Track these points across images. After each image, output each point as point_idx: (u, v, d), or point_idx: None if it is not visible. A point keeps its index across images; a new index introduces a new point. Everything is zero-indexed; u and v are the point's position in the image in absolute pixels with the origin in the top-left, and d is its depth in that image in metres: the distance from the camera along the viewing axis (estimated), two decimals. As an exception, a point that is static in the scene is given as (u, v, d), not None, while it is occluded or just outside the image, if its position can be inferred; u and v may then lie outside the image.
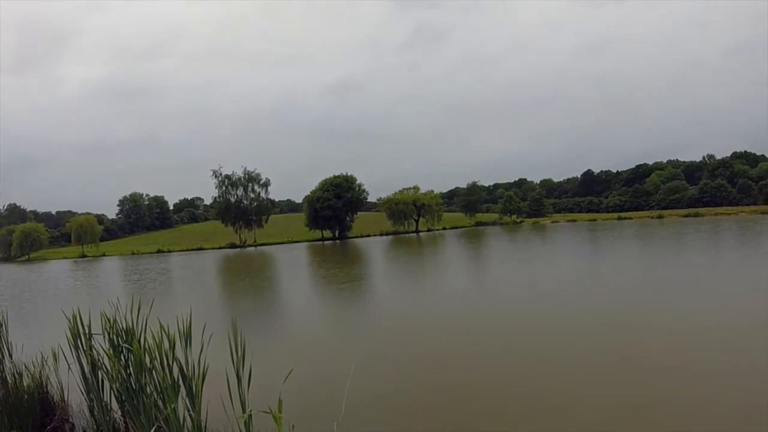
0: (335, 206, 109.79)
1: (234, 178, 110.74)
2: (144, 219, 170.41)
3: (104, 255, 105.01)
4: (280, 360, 15.52)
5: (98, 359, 9.83)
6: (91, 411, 10.23)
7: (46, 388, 11.42)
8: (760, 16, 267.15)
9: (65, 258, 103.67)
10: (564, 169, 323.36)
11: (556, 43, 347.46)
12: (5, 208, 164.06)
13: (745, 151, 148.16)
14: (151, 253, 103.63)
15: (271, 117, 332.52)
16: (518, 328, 19.59)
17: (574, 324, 18.50)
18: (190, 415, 8.26)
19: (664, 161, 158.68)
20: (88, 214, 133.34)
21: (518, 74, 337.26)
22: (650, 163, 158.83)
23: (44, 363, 11.56)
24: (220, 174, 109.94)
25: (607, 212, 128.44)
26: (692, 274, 30.89)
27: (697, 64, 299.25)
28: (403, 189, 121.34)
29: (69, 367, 10.43)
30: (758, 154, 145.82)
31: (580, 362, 14.37)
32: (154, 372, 8.67)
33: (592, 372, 13.77)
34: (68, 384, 11.07)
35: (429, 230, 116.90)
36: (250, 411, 8.10)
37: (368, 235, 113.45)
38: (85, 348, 9.91)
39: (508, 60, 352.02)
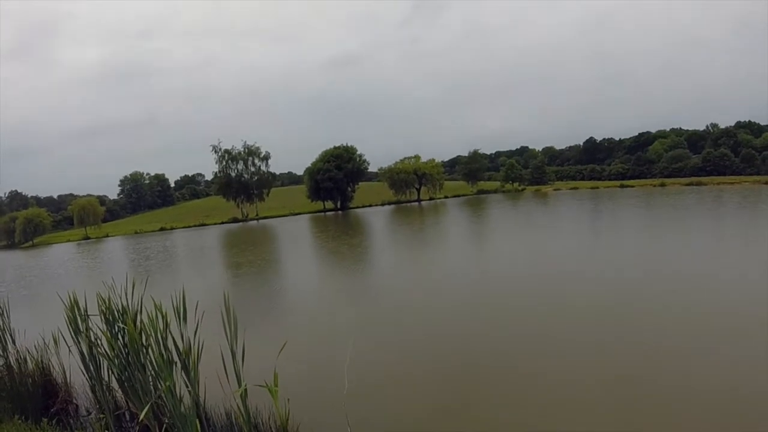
0: (336, 177, 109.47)
1: (234, 153, 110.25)
2: (146, 198, 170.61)
3: (107, 236, 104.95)
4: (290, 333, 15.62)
5: (96, 340, 9.93)
6: (93, 391, 10.40)
7: (49, 371, 11.61)
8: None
9: (69, 241, 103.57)
10: (566, 137, 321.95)
11: (558, 18, 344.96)
12: (6, 195, 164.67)
13: (749, 121, 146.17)
14: (153, 231, 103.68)
15: (270, 92, 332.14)
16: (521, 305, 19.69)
17: (586, 306, 18.28)
18: (188, 391, 8.35)
19: (667, 129, 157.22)
20: (90, 196, 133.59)
21: (520, 48, 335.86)
22: (653, 131, 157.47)
23: (46, 347, 11.69)
24: (220, 149, 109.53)
25: (610, 180, 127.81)
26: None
27: (699, 38, 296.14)
28: (404, 158, 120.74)
29: (69, 350, 10.56)
30: (762, 124, 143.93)
31: (588, 345, 14.33)
32: (150, 350, 8.75)
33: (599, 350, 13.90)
34: (69, 366, 11.23)
35: (431, 199, 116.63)
36: (245, 385, 8.19)
37: (370, 205, 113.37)
38: (83, 330, 9.99)
39: (509, 34, 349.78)
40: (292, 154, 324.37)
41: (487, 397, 11.08)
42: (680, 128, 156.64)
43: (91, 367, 9.99)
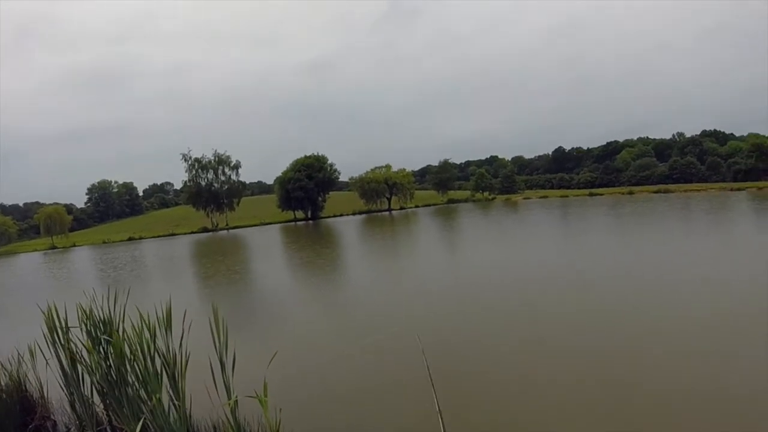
0: (307, 187, 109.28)
1: (204, 162, 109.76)
2: (114, 207, 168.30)
3: (75, 245, 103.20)
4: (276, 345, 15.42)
5: (77, 353, 9.65)
6: (72, 406, 10.03)
7: (25, 386, 11.15)
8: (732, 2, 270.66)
9: (35, 250, 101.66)
10: (535, 146, 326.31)
11: (528, 24, 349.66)
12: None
13: (715, 130, 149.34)
14: (122, 240, 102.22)
15: (242, 100, 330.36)
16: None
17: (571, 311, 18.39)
18: (174, 404, 8.15)
19: (635, 138, 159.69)
20: (57, 204, 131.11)
21: (490, 55, 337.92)
22: (621, 140, 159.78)
23: (21, 360, 11.26)
24: (190, 157, 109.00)
25: (578, 188, 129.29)
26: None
27: (667, 46, 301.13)
28: (375, 168, 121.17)
29: (47, 363, 10.18)
30: (727, 132, 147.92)
31: (564, 347, 14.37)
32: (135, 362, 8.51)
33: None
34: (47, 380, 10.80)
35: (402, 208, 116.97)
36: (236, 397, 8.02)
37: (341, 215, 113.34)
38: (62, 342, 9.71)
39: (480, 40, 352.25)
40: (263, 163, 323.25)
41: (476, 400, 11.01)
42: (647, 137, 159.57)
43: (71, 381, 9.70)
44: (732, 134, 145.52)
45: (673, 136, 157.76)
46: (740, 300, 16.82)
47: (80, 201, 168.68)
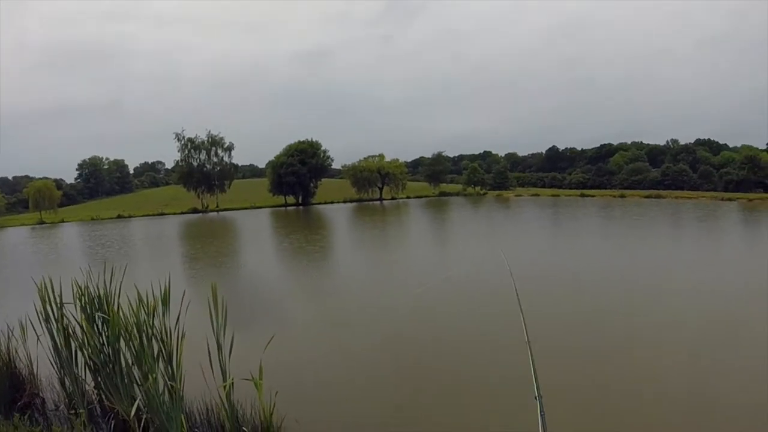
0: (299, 172, 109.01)
1: (197, 142, 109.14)
2: (104, 183, 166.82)
3: (63, 221, 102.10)
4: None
5: (70, 329, 9.55)
6: (62, 384, 9.91)
7: (14, 363, 10.99)
8: (733, 12, 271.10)
9: (23, 225, 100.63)
10: (529, 145, 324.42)
11: (527, 24, 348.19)
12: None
13: (709, 139, 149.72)
14: (111, 218, 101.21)
15: (237, 83, 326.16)
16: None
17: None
18: (168, 385, 8.07)
19: (629, 142, 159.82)
20: (46, 178, 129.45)
21: (489, 53, 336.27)
22: (615, 143, 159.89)
23: (11, 335, 11.08)
24: (183, 137, 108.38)
25: (570, 189, 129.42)
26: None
27: (667, 53, 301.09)
28: (368, 157, 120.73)
29: (38, 339, 10.02)
30: (721, 143, 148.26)
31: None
32: (131, 341, 8.43)
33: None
34: (37, 357, 10.63)
35: (393, 198, 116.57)
36: (232, 379, 7.97)
37: (332, 202, 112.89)
38: (57, 317, 9.60)
39: (479, 39, 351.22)
40: (255, 147, 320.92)
41: (457, 391, 11.03)
42: (641, 142, 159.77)
43: (63, 358, 9.58)
44: (726, 145, 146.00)
45: (667, 142, 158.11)
46: (730, 304, 16.97)
47: (70, 176, 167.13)
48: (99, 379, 9.14)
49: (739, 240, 37.43)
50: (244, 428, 8.28)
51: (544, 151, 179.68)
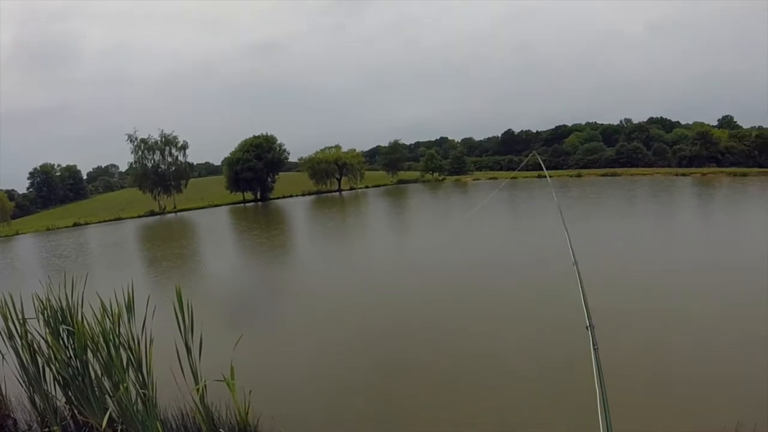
0: (256, 167, 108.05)
1: (150, 142, 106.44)
2: (57, 191, 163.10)
3: (18, 233, 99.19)
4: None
5: (35, 345, 9.38)
6: (33, 402, 9.71)
7: (-20, 384, 10.73)
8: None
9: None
10: (485, 130, 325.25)
11: (479, 9, 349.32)
12: None
13: (661, 117, 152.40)
14: (67, 227, 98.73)
15: (188, 80, 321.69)
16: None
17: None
18: (140, 393, 8.01)
19: (583, 123, 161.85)
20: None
21: (441, 39, 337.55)
22: (569, 124, 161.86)
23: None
24: (136, 138, 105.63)
25: (527, 171, 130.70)
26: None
27: (619, 35, 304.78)
28: (325, 148, 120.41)
29: (3, 358, 9.76)
30: (673, 120, 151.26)
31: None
32: (99, 352, 8.33)
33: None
34: (4, 376, 10.38)
35: (351, 189, 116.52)
36: (204, 381, 7.94)
37: (290, 196, 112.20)
38: (20, 333, 9.42)
39: (431, 25, 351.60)
40: (211, 144, 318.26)
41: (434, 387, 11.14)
42: (595, 122, 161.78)
43: (31, 376, 9.40)
44: (678, 122, 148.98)
45: (621, 122, 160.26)
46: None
47: (22, 186, 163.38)
48: (70, 393, 9.00)
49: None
50: (220, 429, 8.27)
51: (499, 135, 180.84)
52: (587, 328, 4.37)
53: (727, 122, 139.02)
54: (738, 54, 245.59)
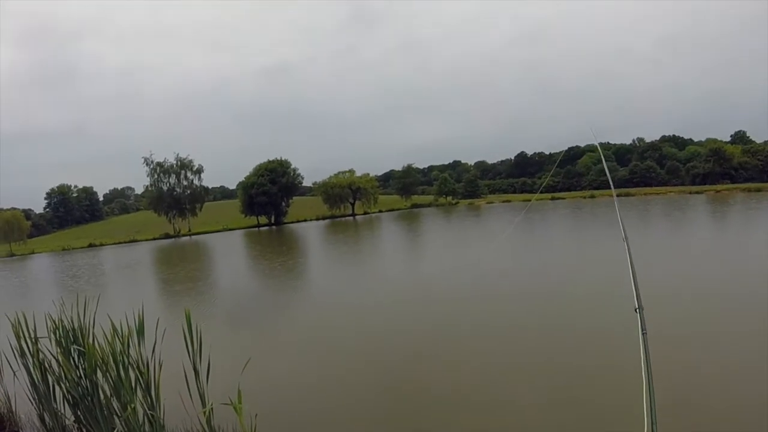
0: (270, 192, 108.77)
1: (166, 166, 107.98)
2: (73, 212, 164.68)
3: (34, 252, 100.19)
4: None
5: (47, 364, 9.49)
6: (42, 419, 9.81)
7: (-8, 400, 10.88)
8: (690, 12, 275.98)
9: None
10: (498, 152, 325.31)
11: (491, 30, 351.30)
12: None
13: (674, 135, 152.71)
14: (82, 248, 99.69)
15: (203, 103, 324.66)
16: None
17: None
18: (148, 414, 8.07)
19: (596, 143, 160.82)
20: (14, 209, 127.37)
21: (454, 60, 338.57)
22: (582, 145, 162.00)
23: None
24: (152, 161, 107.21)
25: (540, 192, 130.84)
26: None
27: (628, 53, 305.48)
28: (339, 173, 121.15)
29: (15, 375, 9.95)
30: (686, 138, 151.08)
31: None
32: (108, 372, 8.41)
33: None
34: (14, 393, 10.53)
35: (365, 213, 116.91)
36: (211, 405, 7.99)
37: (304, 220, 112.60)
38: (32, 352, 9.54)
39: (442, 47, 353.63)
40: (225, 168, 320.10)
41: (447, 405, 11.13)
42: (608, 142, 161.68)
43: (41, 393, 9.51)
44: (690, 139, 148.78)
45: (633, 141, 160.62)
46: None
47: (38, 206, 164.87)
48: (79, 412, 9.07)
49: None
50: (227, 452, 8.32)
51: (513, 157, 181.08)
52: (636, 310, 4.24)
53: (740, 138, 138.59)
54: (749, 69, 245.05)
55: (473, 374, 12.93)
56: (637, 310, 4.23)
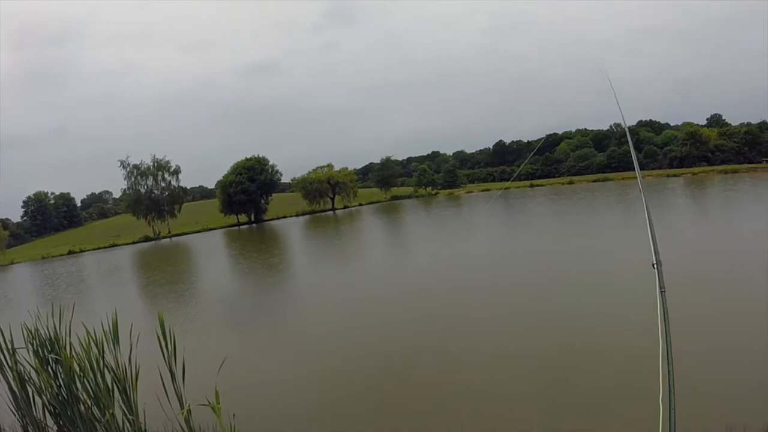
0: (249, 189, 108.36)
1: (143, 168, 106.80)
2: (51, 219, 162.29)
3: (13, 262, 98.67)
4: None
5: (25, 374, 9.55)
6: (25, 430, 9.87)
7: (-27, 413, 10.89)
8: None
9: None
10: (476, 142, 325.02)
11: (469, 22, 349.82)
12: None
13: (650, 120, 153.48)
14: (62, 255, 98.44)
15: (181, 103, 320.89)
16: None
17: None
18: (128, 419, 8.18)
19: (573, 130, 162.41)
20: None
21: (432, 53, 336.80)
22: (560, 132, 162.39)
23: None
24: (128, 164, 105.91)
25: (519, 180, 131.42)
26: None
27: (603, 43, 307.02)
28: (317, 168, 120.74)
29: None
30: (662, 122, 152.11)
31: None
32: (86, 379, 8.50)
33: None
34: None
35: (345, 207, 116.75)
36: (189, 406, 8.11)
37: (284, 217, 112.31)
38: (10, 364, 9.59)
39: (423, 38, 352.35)
40: (203, 167, 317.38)
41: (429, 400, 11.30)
42: (585, 129, 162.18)
43: (22, 404, 9.57)
44: (667, 124, 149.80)
45: (611, 127, 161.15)
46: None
47: (15, 215, 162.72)
48: (61, 422, 9.16)
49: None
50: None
51: (491, 146, 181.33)
52: (653, 266, 4.00)
53: (715, 121, 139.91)
54: (724, 54, 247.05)
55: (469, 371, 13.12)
56: (655, 266, 4.01)
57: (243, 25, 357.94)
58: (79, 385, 8.61)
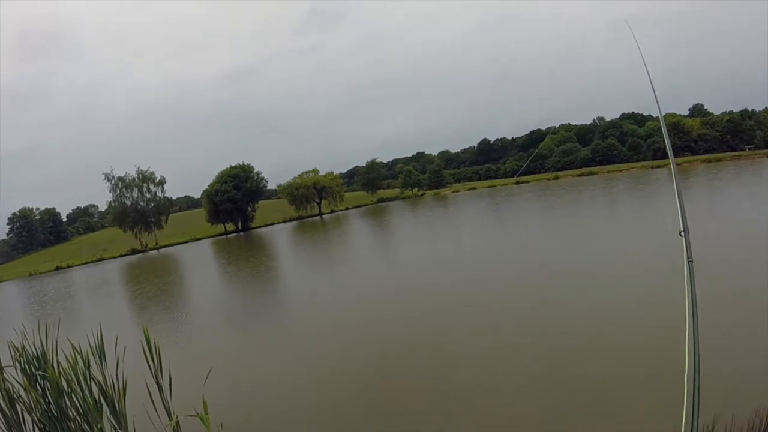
0: (235, 198, 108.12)
1: (128, 180, 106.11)
2: (37, 235, 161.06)
3: (0, 281, 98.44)
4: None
5: (14, 392, 9.52)
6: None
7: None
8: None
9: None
10: (461, 140, 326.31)
11: (450, 21, 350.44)
12: None
13: (633, 113, 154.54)
14: (49, 271, 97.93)
15: (163, 113, 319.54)
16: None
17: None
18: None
19: (557, 125, 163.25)
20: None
21: (414, 53, 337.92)
22: (543, 128, 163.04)
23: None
24: (113, 177, 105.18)
25: (505, 177, 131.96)
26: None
27: (587, 36, 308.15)
28: (303, 173, 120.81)
29: None
30: (645, 114, 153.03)
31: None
32: (73, 395, 8.49)
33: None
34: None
35: (332, 212, 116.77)
36: (177, 417, 8.11)
37: (272, 224, 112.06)
38: (-1, 383, 9.56)
39: (406, 38, 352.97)
40: (189, 177, 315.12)
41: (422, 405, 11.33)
42: (569, 123, 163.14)
43: (12, 423, 9.54)
44: (650, 115, 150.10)
45: (594, 120, 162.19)
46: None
47: (1, 232, 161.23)
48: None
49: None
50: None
51: (476, 145, 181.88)
52: (681, 234, 3.87)
53: (698, 111, 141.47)
54: (705, 44, 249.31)
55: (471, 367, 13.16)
56: (682, 233, 3.87)
57: (221, 32, 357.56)
58: (67, 401, 8.61)
